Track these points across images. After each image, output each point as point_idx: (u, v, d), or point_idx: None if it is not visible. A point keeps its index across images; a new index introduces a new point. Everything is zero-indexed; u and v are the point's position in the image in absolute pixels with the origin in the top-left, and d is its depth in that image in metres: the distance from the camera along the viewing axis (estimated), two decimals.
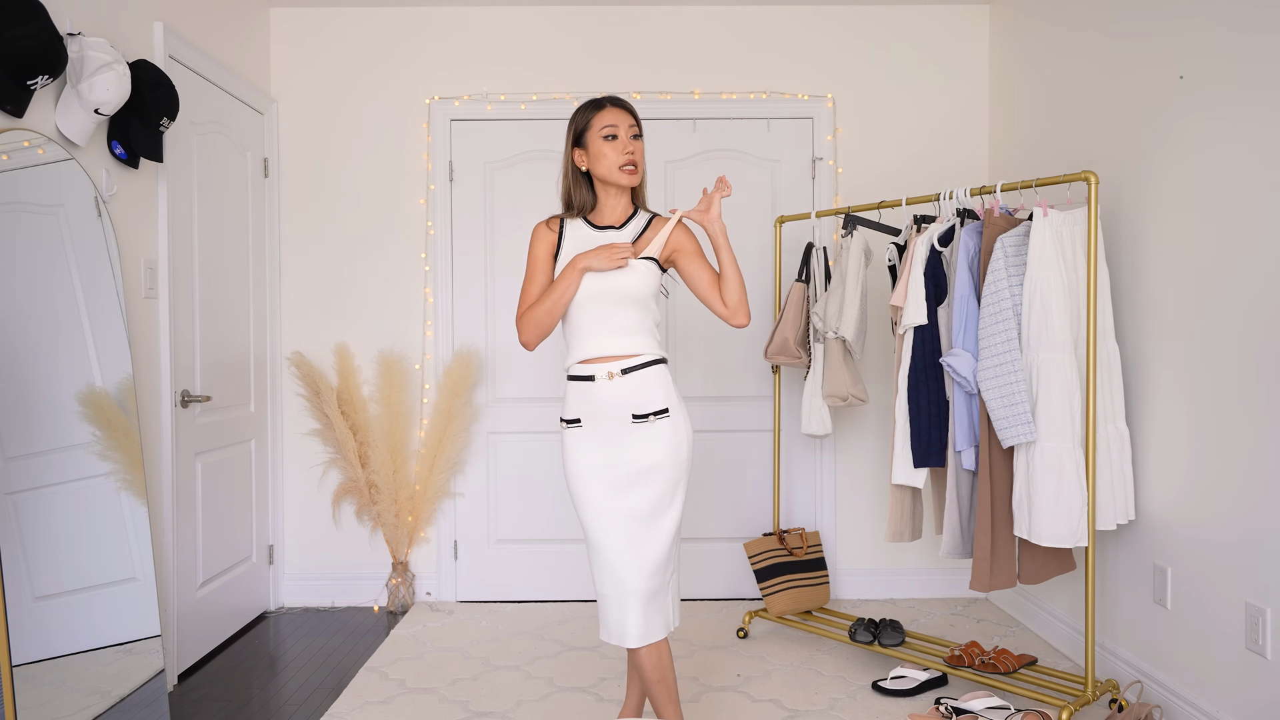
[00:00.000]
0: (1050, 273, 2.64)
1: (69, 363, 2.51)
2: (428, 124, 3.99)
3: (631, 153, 2.33)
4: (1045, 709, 2.76)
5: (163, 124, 2.85)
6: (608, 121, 2.33)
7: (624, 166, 2.32)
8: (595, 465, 2.30)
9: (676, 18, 3.99)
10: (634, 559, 2.24)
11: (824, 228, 3.82)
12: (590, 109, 2.37)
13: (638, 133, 2.36)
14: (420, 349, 4.00)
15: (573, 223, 2.41)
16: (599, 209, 2.41)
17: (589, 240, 2.37)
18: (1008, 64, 3.81)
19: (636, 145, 2.35)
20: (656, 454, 2.28)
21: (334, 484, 3.97)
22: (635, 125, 2.36)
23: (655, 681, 2.28)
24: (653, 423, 2.29)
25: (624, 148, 2.32)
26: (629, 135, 2.34)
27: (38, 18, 2.29)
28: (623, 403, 2.29)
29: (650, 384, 2.30)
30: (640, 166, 2.37)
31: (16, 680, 2.16)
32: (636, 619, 2.24)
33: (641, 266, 2.32)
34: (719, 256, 2.33)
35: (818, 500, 4.01)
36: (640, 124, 2.38)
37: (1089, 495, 2.63)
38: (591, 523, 2.29)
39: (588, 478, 2.30)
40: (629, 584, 2.24)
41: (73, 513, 2.46)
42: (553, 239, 2.40)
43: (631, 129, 2.35)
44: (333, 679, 3.14)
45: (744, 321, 2.37)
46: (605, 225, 2.39)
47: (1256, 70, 2.31)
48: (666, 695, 2.30)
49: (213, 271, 3.43)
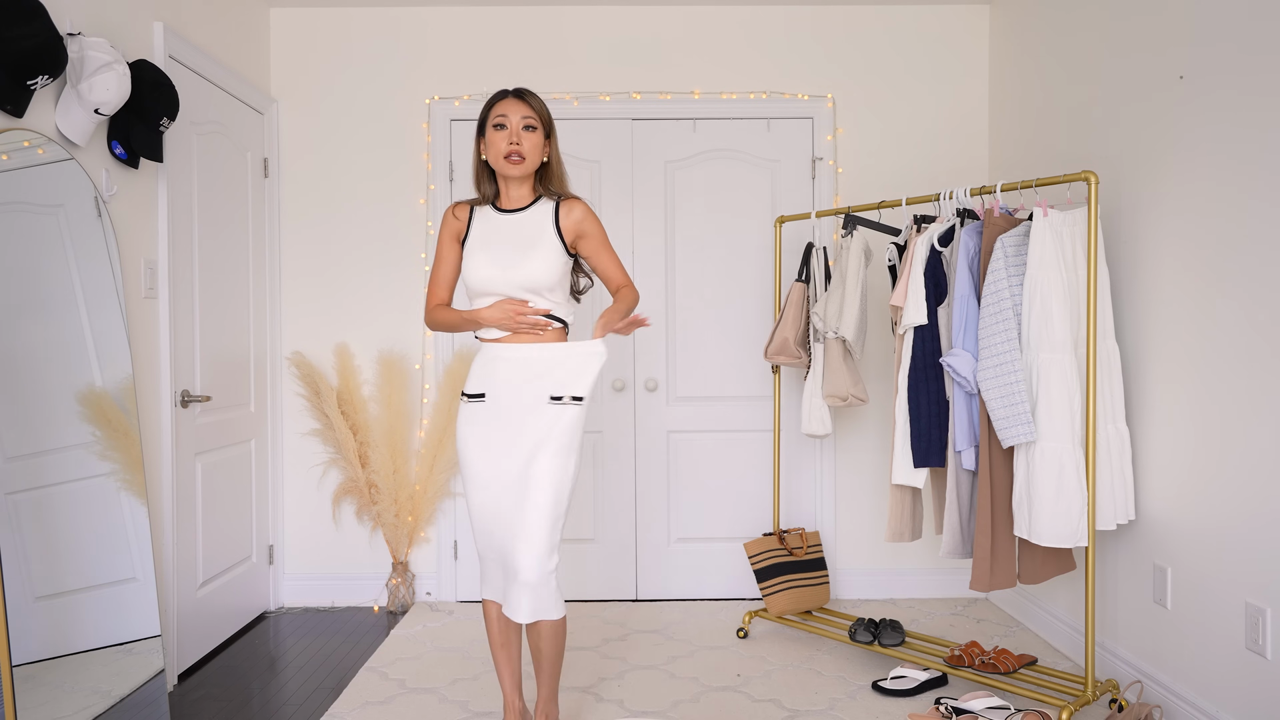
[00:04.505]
0: (1050, 273, 2.64)
1: (69, 363, 2.51)
2: (428, 124, 3.99)
3: (516, 143, 2.36)
4: (1045, 709, 2.76)
5: (163, 124, 2.85)
6: (500, 111, 2.39)
7: (509, 156, 2.37)
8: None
9: (676, 18, 3.99)
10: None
11: (824, 228, 3.82)
12: (493, 98, 2.43)
13: (532, 124, 2.39)
14: (420, 349, 4.00)
15: (482, 209, 2.49)
16: (503, 195, 2.48)
17: (496, 225, 2.45)
18: (1008, 64, 3.81)
19: (526, 136, 2.38)
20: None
21: (334, 484, 3.97)
22: (531, 116, 2.39)
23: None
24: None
25: (510, 137, 2.36)
26: (520, 125, 2.37)
27: (38, 18, 2.29)
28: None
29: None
30: (530, 157, 2.39)
31: (16, 680, 2.16)
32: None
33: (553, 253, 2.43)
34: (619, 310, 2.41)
35: (818, 500, 4.01)
36: (541, 116, 2.41)
37: (1089, 495, 2.63)
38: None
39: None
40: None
41: (73, 513, 2.46)
42: (459, 225, 2.49)
43: (525, 119, 2.38)
44: (333, 679, 3.14)
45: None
46: (511, 209, 2.47)
47: (1256, 70, 2.31)
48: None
49: (213, 271, 3.43)
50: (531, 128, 2.39)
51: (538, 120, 2.40)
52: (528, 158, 2.39)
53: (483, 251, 2.43)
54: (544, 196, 2.48)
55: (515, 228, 2.44)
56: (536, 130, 2.40)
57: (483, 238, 2.44)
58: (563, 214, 2.44)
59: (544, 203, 2.47)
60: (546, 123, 2.43)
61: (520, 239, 2.42)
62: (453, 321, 2.50)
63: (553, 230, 2.43)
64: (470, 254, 2.44)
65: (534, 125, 2.39)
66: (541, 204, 2.47)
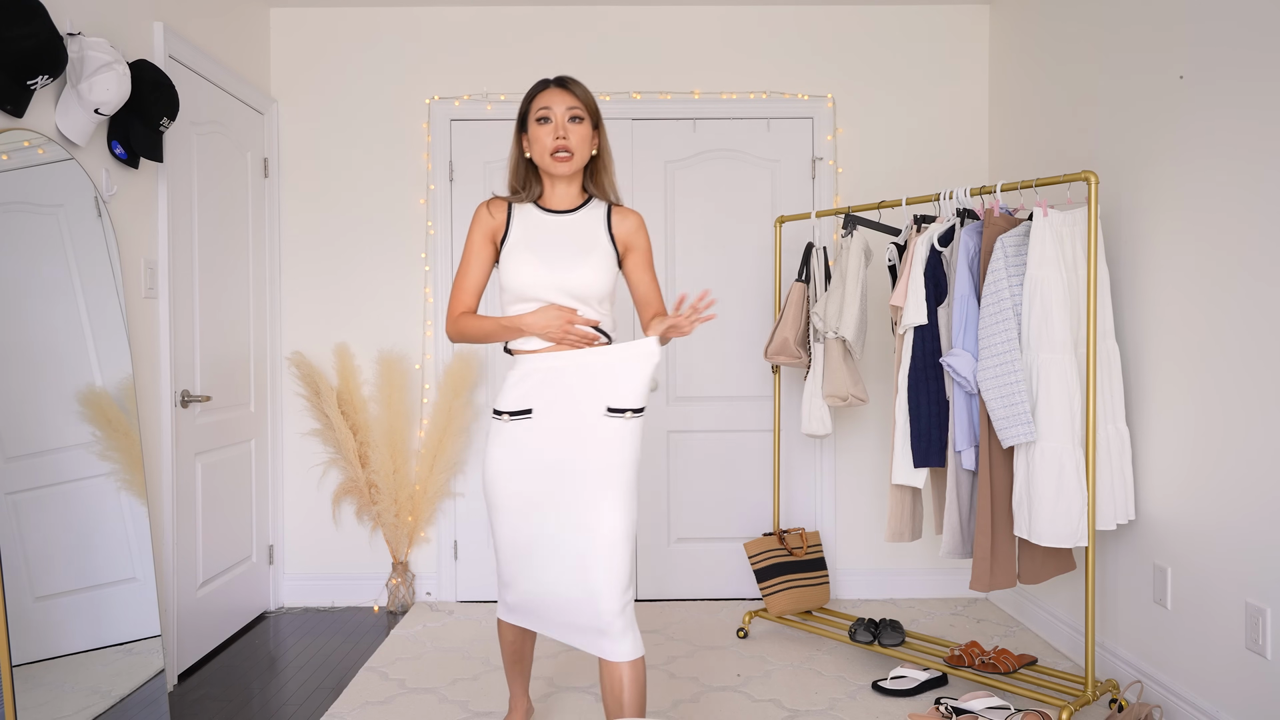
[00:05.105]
0: (1050, 272, 2.64)
1: (69, 363, 2.51)
2: (428, 124, 3.99)
3: (563, 137, 2.14)
4: (1045, 709, 2.76)
5: (163, 124, 2.85)
6: (543, 104, 2.17)
7: (556, 152, 2.15)
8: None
9: (676, 18, 3.99)
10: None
11: (824, 228, 3.82)
12: (534, 89, 2.21)
13: (579, 115, 2.17)
14: (420, 349, 4.00)
15: (522, 207, 2.25)
16: (547, 195, 2.26)
17: (542, 225, 2.22)
18: (1008, 64, 3.81)
19: (573, 129, 2.16)
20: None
21: (334, 484, 3.97)
22: (577, 106, 2.16)
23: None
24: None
25: (556, 131, 2.15)
26: (566, 118, 2.15)
27: (38, 17, 2.29)
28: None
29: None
30: (578, 153, 2.17)
31: (16, 680, 2.16)
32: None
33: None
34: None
35: (818, 500, 4.01)
36: (587, 106, 2.18)
37: (1089, 495, 2.63)
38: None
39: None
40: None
41: (73, 512, 2.46)
42: (495, 224, 2.23)
43: (571, 111, 2.16)
44: (333, 679, 3.14)
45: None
46: (559, 209, 2.25)
47: (1256, 70, 2.31)
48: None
49: (213, 271, 3.43)
50: (578, 119, 2.17)
51: (584, 110, 2.17)
52: (576, 153, 2.17)
53: (528, 252, 2.18)
54: (595, 199, 2.28)
55: (567, 230, 2.23)
56: (584, 121, 2.18)
57: (526, 238, 2.20)
58: (616, 221, 2.26)
59: (596, 205, 2.27)
60: (594, 112, 2.21)
61: (573, 243, 2.21)
62: (487, 330, 2.21)
63: (606, 237, 2.24)
64: (512, 254, 2.19)
65: (580, 116, 2.17)
66: (593, 207, 2.27)
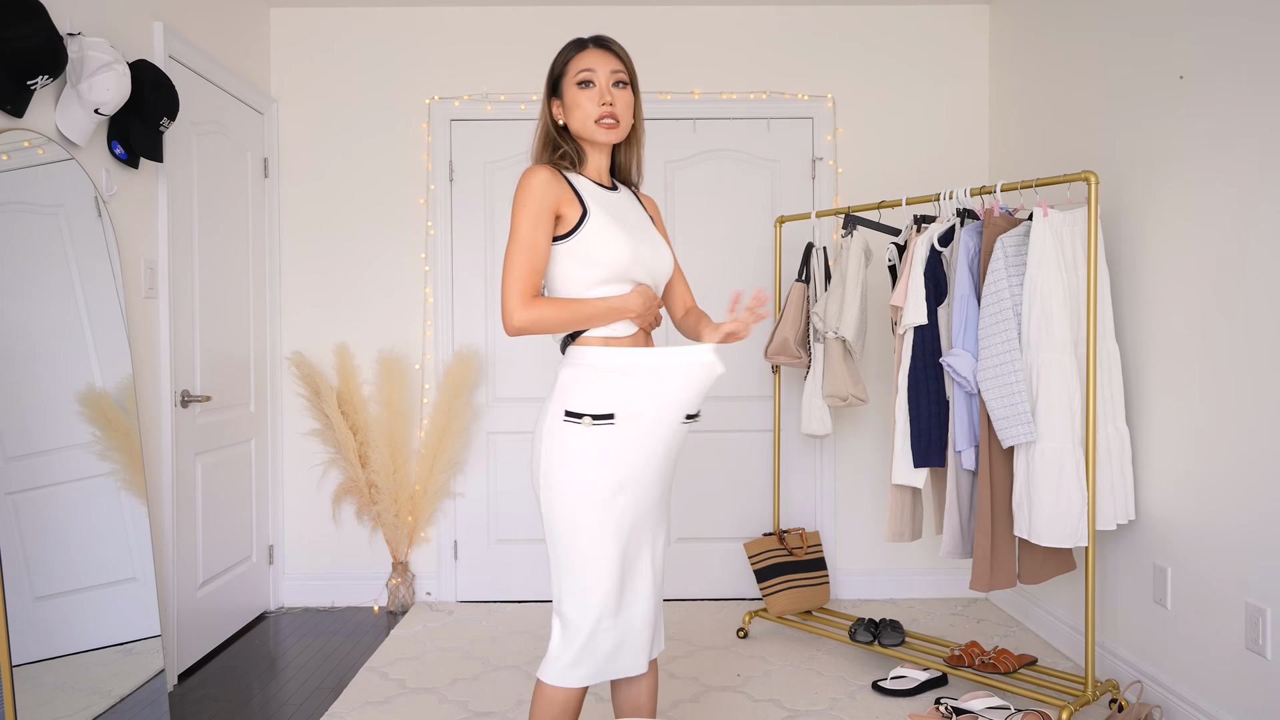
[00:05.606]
0: (1050, 273, 2.64)
1: (69, 363, 2.51)
2: (428, 124, 3.99)
3: (610, 103, 1.90)
4: (1045, 709, 2.76)
5: (163, 124, 2.85)
6: (584, 65, 1.91)
7: (601, 119, 1.90)
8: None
9: (676, 18, 3.99)
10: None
11: (824, 228, 3.82)
12: (568, 50, 1.96)
13: (623, 79, 1.94)
14: (420, 349, 4.00)
15: (577, 178, 1.93)
16: (587, 167, 1.99)
17: (608, 200, 1.94)
18: (1008, 64, 3.81)
19: (619, 95, 1.92)
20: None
21: (334, 484, 3.97)
22: (621, 70, 1.94)
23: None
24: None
25: (601, 96, 1.90)
26: (610, 82, 1.92)
27: (38, 17, 2.29)
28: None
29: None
30: (624, 120, 1.93)
31: (16, 680, 2.16)
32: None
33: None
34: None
35: (818, 500, 4.01)
36: (630, 69, 1.97)
37: (1089, 495, 2.63)
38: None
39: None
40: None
41: (73, 513, 2.46)
42: (561, 195, 1.86)
43: (615, 74, 1.92)
44: (333, 679, 3.14)
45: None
46: (603, 185, 1.98)
47: (1256, 70, 2.31)
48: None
49: (213, 271, 3.43)
50: (623, 83, 1.93)
51: (627, 74, 1.95)
52: (622, 120, 1.92)
53: (620, 228, 1.89)
54: (618, 180, 2.05)
55: (625, 206, 1.98)
56: (627, 87, 1.95)
57: (607, 211, 1.91)
58: (644, 206, 2.08)
59: (623, 188, 2.05)
60: (634, 78, 1.98)
61: (640, 221, 1.99)
62: (588, 314, 1.85)
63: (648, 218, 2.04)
64: (604, 228, 1.87)
65: (625, 81, 1.94)
66: (624, 189, 2.05)
